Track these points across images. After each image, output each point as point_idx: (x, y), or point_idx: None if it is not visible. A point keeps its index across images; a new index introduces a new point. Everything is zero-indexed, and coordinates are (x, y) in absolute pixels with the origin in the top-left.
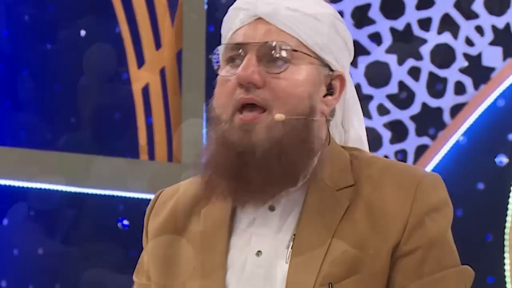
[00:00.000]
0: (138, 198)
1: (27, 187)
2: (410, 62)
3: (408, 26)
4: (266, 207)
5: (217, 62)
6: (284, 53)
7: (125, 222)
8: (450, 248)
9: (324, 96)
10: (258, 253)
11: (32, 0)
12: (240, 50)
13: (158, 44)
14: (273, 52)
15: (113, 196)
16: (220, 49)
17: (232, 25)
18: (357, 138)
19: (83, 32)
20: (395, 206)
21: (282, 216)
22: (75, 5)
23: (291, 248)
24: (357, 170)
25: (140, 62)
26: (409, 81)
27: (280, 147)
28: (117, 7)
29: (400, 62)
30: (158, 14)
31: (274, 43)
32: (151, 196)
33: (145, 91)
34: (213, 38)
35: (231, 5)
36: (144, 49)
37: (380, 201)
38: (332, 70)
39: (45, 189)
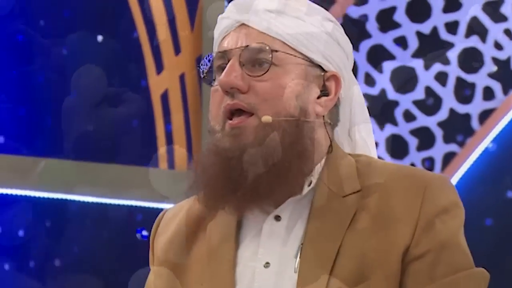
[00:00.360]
0: (157, 208)
1: (43, 197)
2: (437, 67)
3: (435, 30)
4: (272, 217)
5: (203, 72)
6: (265, 55)
7: (145, 233)
8: (462, 250)
9: (319, 97)
10: (266, 264)
11: (46, 4)
12: (226, 57)
13: (177, 49)
14: (255, 56)
15: (131, 206)
16: (213, 59)
17: (219, 34)
18: (364, 146)
19: (100, 38)
20: (403, 210)
21: (289, 226)
22: (91, 10)
23: (299, 257)
24: (364, 175)
25: (159, 68)
26: (436, 87)
27: (270, 149)
28: (135, 11)
29: (427, 67)
30: (177, 18)
31: (254, 46)
32: (170, 206)
33: (164, 97)
34: None
35: None
36: (163, 54)
37: (387, 206)
38: (324, 71)
39: (61, 199)
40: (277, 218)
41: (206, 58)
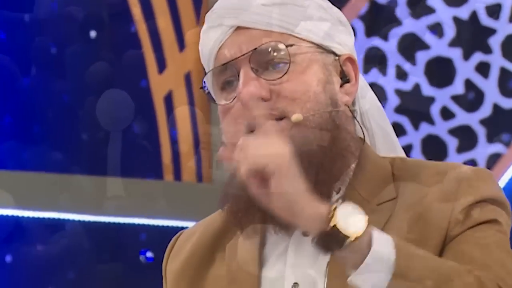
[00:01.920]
0: (163, 226)
1: (33, 217)
2: (478, 57)
3: (474, 15)
4: (299, 232)
5: (209, 93)
6: (278, 54)
7: (149, 254)
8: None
9: (341, 85)
10: (295, 285)
11: None
12: (231, 68)
13: (181, 45)
14: (267, 57)
15: (134, 224)
16: (208, 78)
17: (211, 47)
18: (383, 133)
19: (93, 33)
20: (438, 213)
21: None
22: (81, 2)
23: (327, 276)
24: (400, 181)
25: (161, 66)
26: (477, 79)
27: (310, 151)
28: (132, 3)
29: (466, 56)
30: (180, 9)
31: (263, 47)
32: (178, 223)
33: (168, 99)
34: None
35: None
36: (166, 51)
37: (422, 211)
38: (338, 55)
39: (54, 218)
40: (305, 233)
41: (205, 82)
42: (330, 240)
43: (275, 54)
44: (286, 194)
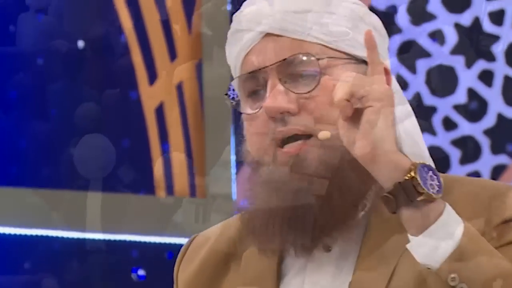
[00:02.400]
0: (155, 243)
1: (20, 234)
2: (481, 65)
3: (477, 21)
4: (320, 247)
5: (234, 99)
6: (309, 66)
7: (141, 272)
8: None
9: None
10: None
11: (18, 4)
12: (259, 77)
13: (173, 55)
14: (296, 68)
15: (125, 241)
16: (235, 83)
17: (239, 52)
18: (412, 143)
19: (81, 43)
20: (472, 225)
21: (341, 257)
22: (69, 11)
23: None
24: None
25: (152, 77)
26: (481, 88)
27: (339, 170)
28: (121, 11)
29: (469, 64)
30: (171, 18)
31: (294, 58)
32: (170, 240)
33: (159, 111)
34: None
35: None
36: (156, 61)
37: None
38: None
39: (40, 235)
40: (327, 248)
41: (231, 86)
42: (403, 193)
43: (305, 65)
44: (376, 128)
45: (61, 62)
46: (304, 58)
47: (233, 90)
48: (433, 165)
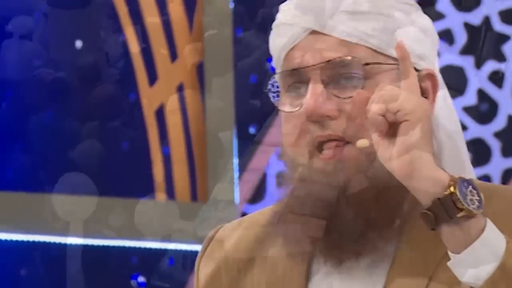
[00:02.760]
0: (155, 249)
1: (16, 240)
2: (491, 65)
3: (487, 20)
4: (351, 254)
5: (275, 93)
6: (353, 69)
7: (141, 279)
8: None
9: None
10: None
11: (13, 4)
12: (301, 76)
13: (173, 55)
14: (340, 71)
15: (124, 247)
16: (277, 77)
17: (283, 46)
18: (453, 147)
19: (78, 44)
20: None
21: (372, 266)
22: (67, 10)
23: None
24: None
25: (152, 78)
26: (491, 89)
27: (375, 180)
28: (121, 10)
29: (478, 65)
30: (172, 17)
31: (339, 60)
32: (171, 246)
33: (160, 114)
34: (243, 45)
35: (262, 2)
36: (157, 61)
37: None
38: (417, 70)
39: (38, 241)
40: (357, 255)
41: (272, 81)
42: (442, 209)
43: (350, 69)
44: (413, 144)
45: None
46: (350, 61)
47: (274, 85)
48: (474, 176)
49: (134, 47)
